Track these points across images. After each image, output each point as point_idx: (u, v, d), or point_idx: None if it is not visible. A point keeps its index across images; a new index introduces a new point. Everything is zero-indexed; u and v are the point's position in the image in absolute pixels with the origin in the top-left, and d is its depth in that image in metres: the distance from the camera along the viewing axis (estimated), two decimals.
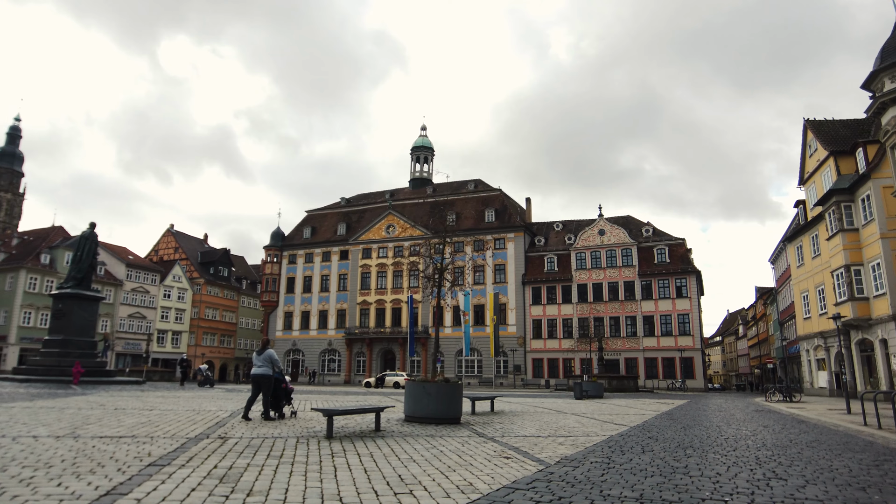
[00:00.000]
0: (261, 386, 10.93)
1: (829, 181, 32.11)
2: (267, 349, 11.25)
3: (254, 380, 10.95)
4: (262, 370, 10.95)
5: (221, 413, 11.43)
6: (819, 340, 34.02)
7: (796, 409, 19.96)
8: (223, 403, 14.17)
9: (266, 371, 11.02)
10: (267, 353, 11.14)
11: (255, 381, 10.93)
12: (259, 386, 10.93)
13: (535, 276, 53.03)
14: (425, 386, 10.32)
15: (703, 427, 12.24)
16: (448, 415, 10.43)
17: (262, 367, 11.00)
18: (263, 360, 11.04)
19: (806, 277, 35.91)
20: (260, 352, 11.13)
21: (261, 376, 10.92)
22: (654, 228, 52.40)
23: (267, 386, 11.00)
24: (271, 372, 11.17)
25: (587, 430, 10.48)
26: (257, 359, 11.05)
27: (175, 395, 17.76)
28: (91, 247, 24.41)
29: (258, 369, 10.96)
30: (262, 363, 11.02)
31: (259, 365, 11.00)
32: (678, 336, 47.57)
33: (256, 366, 11.00)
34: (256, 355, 11.09)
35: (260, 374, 10.93)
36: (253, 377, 10.96)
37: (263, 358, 11.06)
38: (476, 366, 52.79)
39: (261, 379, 10.91)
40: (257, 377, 10.91)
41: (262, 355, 11.08)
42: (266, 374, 11.01)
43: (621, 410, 17.17)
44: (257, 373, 10.94)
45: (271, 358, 11.19)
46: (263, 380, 10.94)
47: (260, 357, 11.06)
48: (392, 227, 59.80)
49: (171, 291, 64.14)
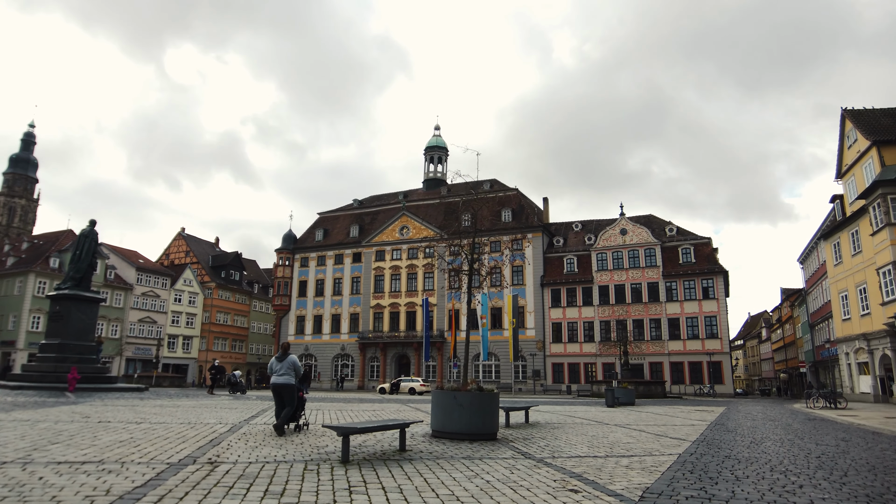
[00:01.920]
0: (283, 396, 9.52)
1: (871, 173, 30.18)
2: (289, 355, 9.83)
3: (276, 390, 9.54)
4: (284, 378, 9.54)
5: (220, 427, 9.94)
6: (861, 343, 31.97)
7: (849, 416, 18.24)
8: (226, 414, 12.70)
9: (289, 380, 9.61)
10: (290, 359, 9.73)
11: (278, 391, 9.53)
12: (282, 397, 9.53)
13: (554, 277, 51.29)
14: (456, 396, 8.76)
15: (774, 441, 10.57)
16: (484, 430, 8.86)
17: (284, 374, 9.57)
18: (287, 368, 9.62)
19: (845, 276, 33.90)
20: (281, 357, 9.71)
21: (283, 386, 9.51)
22: (677, 227, 50.50)
23: (291, 396, 9.59)
24: (294, 380, 9.75)
25: (647, 448, 8.87)
26: (278, 365, 9.63)
27: (175, 403, 16.33)
28: (91, 245, 23.13)
29: (280, 377, 9.54)
30: (286, 371, 9.60)
31: (281, 373, 9.57)
32: (705, 339, 45.59)
33: (278, 373, 9.57)
34: (277, 361, 9.67)
35: (282, 383, 9.52)
36: (274, 387, 9.53)
37: (287, 365, 9.63)
38: (494, 371, 51.09)
39: (283, 389, 9.51)
40: (280, 387, 9.50)
41: (285, 362, 9.66)
42: (290, 383, 9.60)
43: (665, 420, 15.51)
44: (280, 382, 9.52)
45: (294, 365, 9.78)
46: (286, 390, 9.54)
47: (282, 364, 9.63)
48: (406, 229, 58.36)
49: (182, 295, 63.16)
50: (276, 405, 9.61)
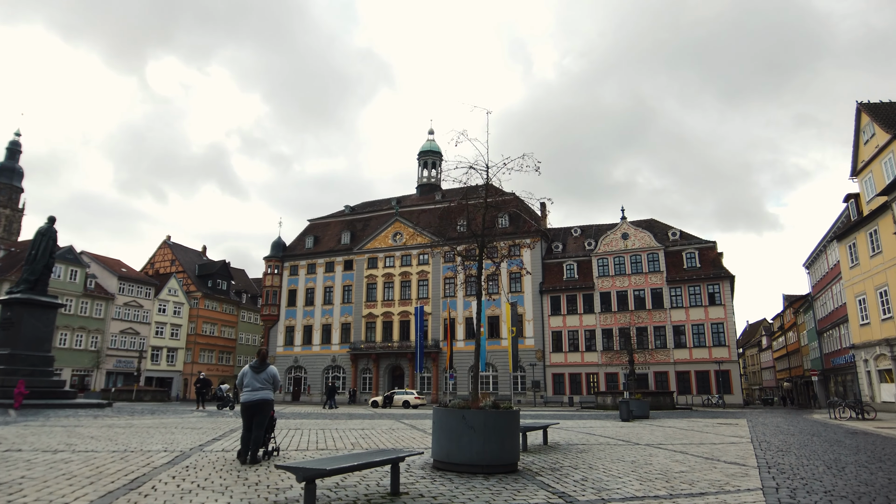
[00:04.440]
0: (255, 417, 7.46)
1: (891, 168, 28.50)
2: (268, 365, 7.79)
3: (249, 409, 7.51)
4: (262, 394, 7.55)
5: (161, 457, 7.83)
6: (882, 349, 30.11)
7: (888, 428, 16.49)
8: (182, 437, 10.58)
9: (268, 395, 7.63)
10: (269, 370, 7.74)
11: (252, 409, 7.50)
12: (254, 417, 7.47)
13: (553, 284, 49.30)
14: (466, 415, 6.70)
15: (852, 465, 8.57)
16: (502, 459, 6.80)
17: (262, 388, 7.58)
18: (264, 381, 7.62)
19: (862, 279, 32.09)
20: (258, 368, 7.69)
21: (260, 404, 7.51)
22: (681, 232, 48.71)
23: (265, 416, 7.55)
24: (272, 396, 7.74)
25: (711, 480, 6.85)
26: (255, 378, 7.60)
27: (131, 423, 14.14)
28: (48, 245, 20.91)
29: (257, 393, 7.56)
30: (263, 384, 7.61)
31: (259, 386, 7.56)
32: (712, 347, 43.63)
33: (253, 388, 7.56)
34: (253, 373, 7.63)
35: (260, 399, 7.52)
36: (248, 406, 7.51)
37: (265, 377, 7.64)
38: (491, 382, 48.89)
39: (259, 407, 7.50)
40: (255, 405, 7.49)
41: (263, 374, 7.66)
42: (268, 398, 7.62)
43: (697, 437, 13.54)
44: (257, 398, 7.53)
45: (275, 378, 7.78)
46: (263, 409, 7.53)
47: (259, 376, 7.61)
48: (399, 235, 56.28)
49: (167, 306, 60.70)
50: (245, 427, 7.51)
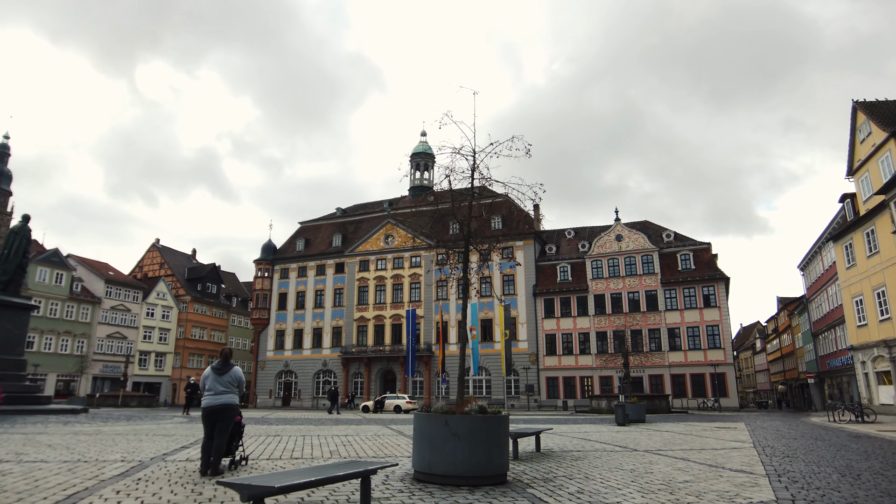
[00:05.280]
0: (219, 423, 6.75)
1: (889, 167, 28.09)
2: (232, 366, 7.09)
3: (211, 414, 6.81)
4: (225, 398, 6.85)
5: (115, 468, 7.13)
6: (881, 350, 29.67)
7: (891, 431, 16.03)
8: (148, 446, 9.87)
9: (233, 399, 6.93)
10: (234, 371, 7.04)
11: (215, 415, 6.79)
12: (216, 424, 6.76)
13: (547, 286, 48.73)
14: (449, 421, 6.05)
15: (867, 472, 7.98)
16: (489, 469, 6.15)
17: (225, 392, 6.88)
18: (228, 384, 6.92)
19: (859, 279, 31.68)
20: (221, 369, 6.97)
21: (224, 408, 6.81)
22: (675, 233, 48.28)
23: (228, 423, 6.84)
24: (237, 400, 7.03)
25: (719, 491, 6.24)
26: (217, 380, 6.89)
27: (100, 429, 13.39)
28: (22, 243, 20.11)
29: (220, 397, 6.85)
30: (227, 387, 6.91)
31: (221, 389, 6.86)
32: (707, 349, 43.15)
33: (215, 391, 6.85)
34: (216, 374, 6.92)
35: (223, 404, 6.82)
36: (210, 411, 6.81)
37: (228, 380, 6.95)
38: (485, 386, 48.23)
39: (223, 412, 6.80)
40: (218, 410, 6.80)
41: (227, 375, 6.95)
42: (232, 403, 6.92)
43: (697, 442, 12.93)
44: (220, 403, 6.83)
45: (239, 380, 7.07)
46: (226, 414, 6.83)
47: (222, 378, 6.91)
48: (391, 237, 55.63)
49: (155, 309, 59.73)
50: (206, 436, 6.81)
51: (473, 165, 7.88)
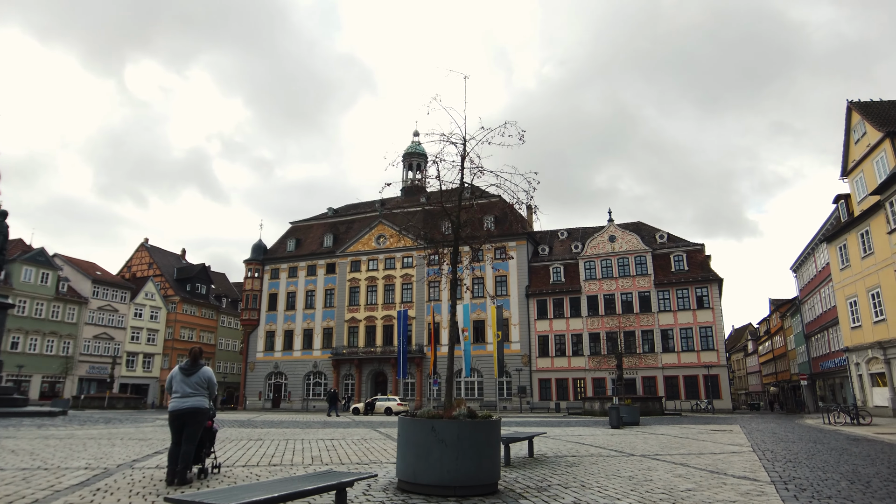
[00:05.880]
0: (186, 428, 6.24)
1: (884, 167, 27.89)
2: (201, 366, 6.56)
3: (178, 418, 6.29)
4: (193, 401, 6.32)
5: (74, 476, 6.63)
6: (875, 351, 29.44)
7: (889, 434, 15.83)
8: (119, 451, 9.35)
9: (201, 403, 6.38)
10: (203, 372, 6.50)
11: (181, 419, 6.28)
12: (183, 429, 6.25)
13: (540, 287, 48.35)
14: (436, 426, 5.59)
15: (877, 479, 7.59)
16: (478, 479, 5.70)
17: (193, 394, 6.35)
18: (196, 385, 6.38)
19: (854, 280, 31.47)
20: (189, 370, 6.45)
21: (191, 412, 6.29)
22: (668, 234, 48.04)
23: (197, 428, 6.33)
24: (207, 404, 6.49)
25: (725, 501, 5.82)
26: (184, 381, 6.36)
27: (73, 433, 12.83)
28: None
29: (188, 400, 6.32)
30: (195, 389, 6.37)
31: (189, 392, 6.33)
32: (701, 351, 42.88)
33: (183, 393, 6.32)
34: (183, 375, 6.40)
35: (191, 407, 6.29)
36: (177, 415, 6.29)
37: (197, 381, 6.41)
38: (477, 388, 47.77)
39: (190, 416, 6.28)
40: (185, 414, 6.27)
41: (195, 376, 6.42)
42: (201, 407, 6.37)
43: (694, 446, 12.55)
44: (187, 406, 6.30)
45: (210, 381, 6.54)
46: (195, 417, 6.31)
47: (190, 379, 6.39)
48: (383, 238, 55.11)
49: (143, 310, 58.88)
50: (173, 442, 6.31)
51: (463, 153, 7.43)
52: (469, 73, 7.42)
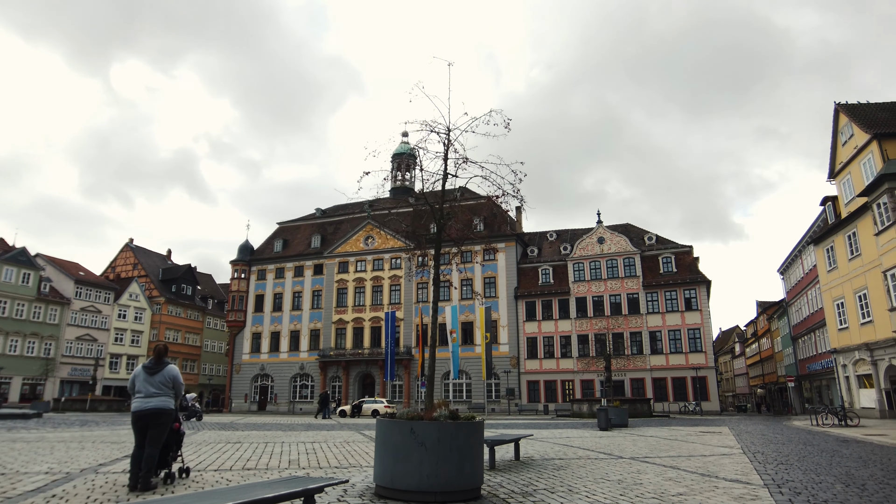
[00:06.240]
0: (150, 429, 5.83)
1: (871, 169, 27.94)
2: (166, 364, 6.15)
3: (141, 419, 5.88)
4: (157, 401, 5.92)
5: (36, 480, 6.27)
6: (862, 353, 29.49)
7: (880, 436, 15.62)
8: (87, 455, 8.96)
9: (165, 403, 5.98)
10: (168, 370, 6.09)
11: (144, 420, 5.87)
12: (147, 431, 5.84)
13: (528, 289, 48.16)
14: (415, 428, 5.29)
15: (878, 483, 7.37)
16: (459, 484, 5.40)
17: (158, 394, 5.94)
18: (161, 385, 5.98)
19: (841, 282, 31.55)
20: (153, 368, 6.04)
21: (155, 413, 5.88)
22: (657, 236, 48.05)
23: (162, 430, 5.93)
24: (173, 405, 6.09)
25: None
26: (148, 380, 5.95)
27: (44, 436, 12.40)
28: None
29: (151, 400, 5.91)
30: (160, 389, 5.97)
31: (153, 391, 5.92)
32: (689, 353, 42.85)
33: (146, 393, 5.91)
34: (146, 374, 5.99)
35: (154, 408, 5.88)
36: (141, 415, 5.88)
37: (162, 380, 6.00)
38: (465, 390, 47.46)
39: (154, 418, 5.87)
40: (149, 415, 5.86)
41: (159, 374, 6.01)
42: (165, 408, 5.96)
43: (684, 448, 12.33)
44: (150, 407, 5.89)
45: (175, 380, 6.13)
46: (159, 419, 5.90)
47: (154, 378, 5.97)
48: (371, 239, 54.69)
49: (127, 311, 58.03)
50: (136, 444, 5.92)
51: (448, 142, 7.14)
52: (453, 61, 7.12)
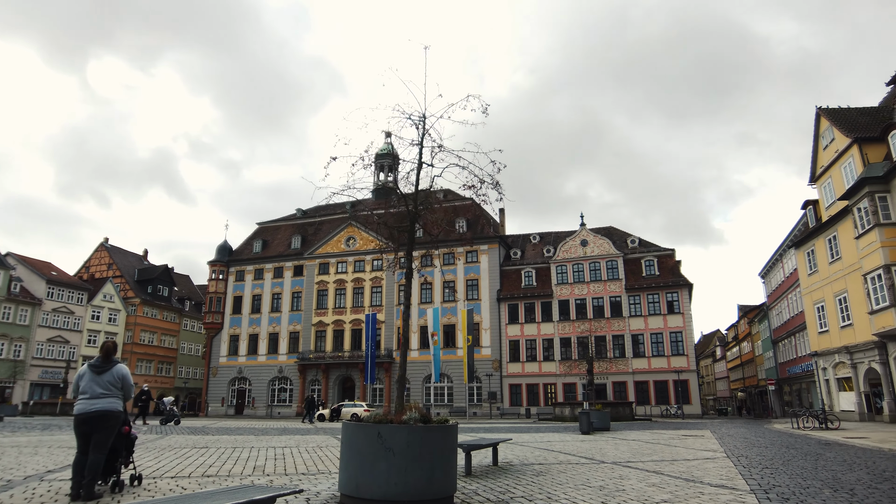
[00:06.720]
0: (96, 433, 5.28)
1: (851, 173, 28.07)
2: (115, 363, 5.59)
3: (85, 423, 5.32)
4: (104, 403, 5.36)
5: None
6: (842, 356, 29.61)
7: (859, 439, 15.59)
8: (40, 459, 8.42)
9: (112, 405, 5.41)
10: (116, 370, 5.53)
11: (89, 424, 5.31)
12: (92, 434, 5.29)
13: (511, 291, 47.89)
14: (382, 432, 4.85)
15: (866, 487, 7.09)
16: (430, 492, 4.97)
17: (105, 395, 5.38)
18: (109, 385, 5.42)
19: (821, 285, 31.67)
20: (100, 367, 5.48)
21: (101, 415, 5.31)
22: (640, 239, 48.10)
23: (109, 434, 5.37)
24: (121, 406, 5.55)
25: None
26: (94, 380, 5.39)
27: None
28: None
29: (97, 402, 5.35)
30: (107, 389, 5.40)
31: (100, 392, 5.36)
32: (671, 356, 42.86)
33: (92, 394, 5.35)
34: (93, 373, 5.43)
35: (101, 410, 5.33)
36: (84, 419, 5.33)
37: (110, 380, 5.44)
38: (446, 393, 47.01)
39: (100, 421, 5.30)
40: (95, 418, 5.30)
41: (107, 375, 5.45)
42: (112, 410, 5.40)
43: (666, 452, 12.03)
44: (97, 409, 5.32)
45: (124, 379, 5.56)
46: (105, 422, 5.34)
47: (101, 378, 5.42)
48: (353, 240, 54.08)
49: (101, 312, 56.68)
50: (79, 450, 5.40)
51: (423, 130, 6.75)
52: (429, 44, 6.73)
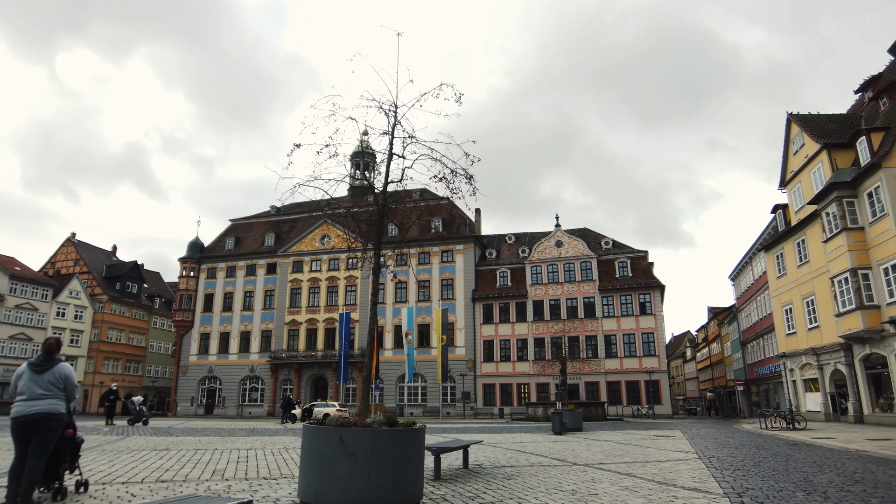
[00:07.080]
0: (35, 437, 4.92)
1: (820, 178, 28.56)
2: (57, 361, 5.22)
3: (25, 425, 4.96)
4: (44, 405, 5.00)
5: None
6: (809, 358, 30.13)
7: (826, 439, 15.84)
8: None
9: (54, 406, 5.06)
10: (58, 369, 5.15)
11: (27, 427, 4.95)
12: (30, 438, 4.92)
13: (486, 291, 47.82)
14: (344, 435, 4.60)
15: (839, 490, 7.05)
16: (395, 499, 4.74)
17: (46, 396, 5.01)
18: (50, 385, 5.05)
19: (789, 288, 32.21)
20: (40, 366, 5.12)
21: (41, 418, 4.95)
22: (613, 241, 48.45)
23: (50, 438, 5.02)
24: (64, 408, 5.18)
25: None
26: (34, 380, 5.03)
27: None
28: None
29: (37, 403, 4.98)
30: (48, 390, 5.04)
31: (40, 393, 4.99)
32: (643, 357, 43.22)
33: (31, 395, 4.98)
34: (33, 373, 5.06)
35: (41, 412, 4.97)
36: (24, 421, 4.96)
37: (51, 380, 5.07)
38: (420, 393, 46.73)
39: (39, 423, 4.94)
40: (34, 420, 4.94)
41: (49, 374, 5.08)
42: (54, 411, 5.04)
43: (638, 453, 11.98)
44: (37, 411, 4.95)
45: (67, 379, 5.19)
46: (45, 425, 4.97)
47: (42, 378, 5.05)
48: (327, 238, 53.45)
49: (67, 309, 55.14)
50: (17, 455, 5.02)
51: (395, 120, 6.51)
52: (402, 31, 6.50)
